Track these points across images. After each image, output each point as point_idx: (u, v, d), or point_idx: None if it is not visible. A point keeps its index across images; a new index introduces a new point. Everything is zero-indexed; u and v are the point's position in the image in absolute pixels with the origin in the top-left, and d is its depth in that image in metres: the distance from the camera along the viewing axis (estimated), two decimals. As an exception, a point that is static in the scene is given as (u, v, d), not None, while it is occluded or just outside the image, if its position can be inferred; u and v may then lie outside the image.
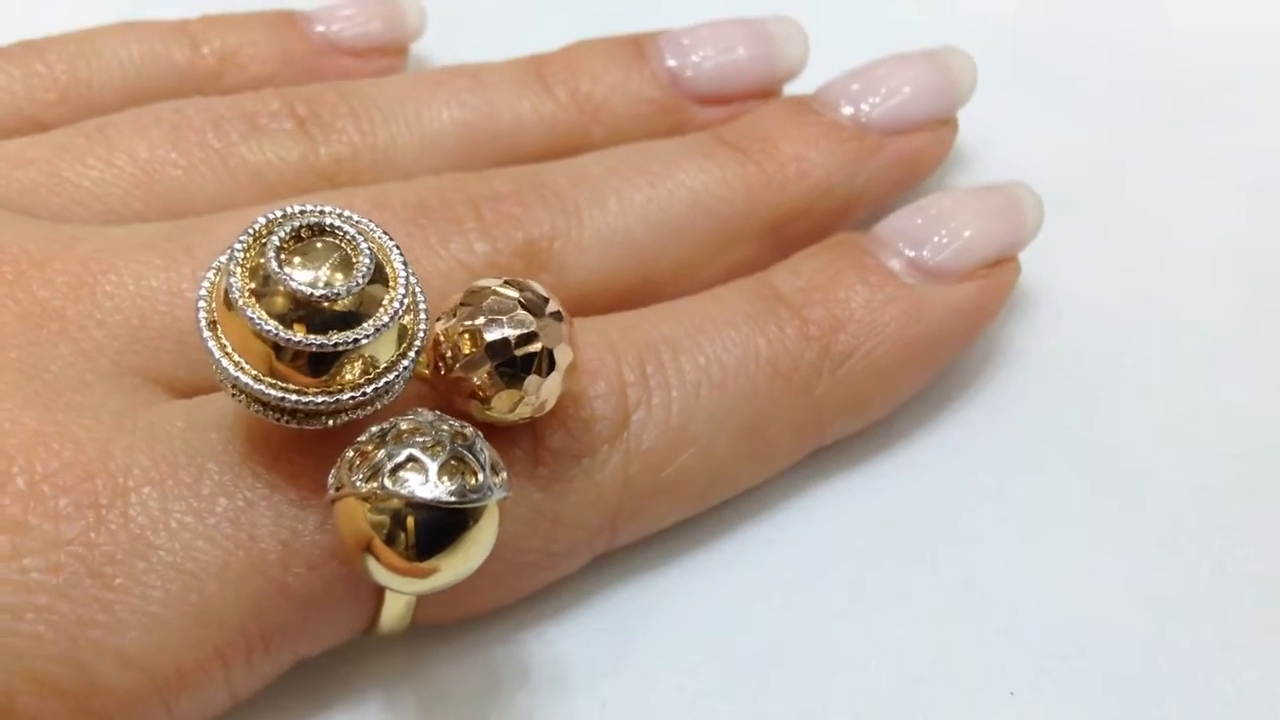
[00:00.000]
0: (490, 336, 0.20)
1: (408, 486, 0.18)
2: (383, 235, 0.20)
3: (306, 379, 0.19)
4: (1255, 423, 0.26)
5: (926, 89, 0.28)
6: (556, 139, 0.27)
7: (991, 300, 0.26)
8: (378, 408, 0.20)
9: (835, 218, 0.27)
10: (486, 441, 0.19)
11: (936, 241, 0.25)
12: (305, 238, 0.19)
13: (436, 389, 0.21)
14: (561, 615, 0.23)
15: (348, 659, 0.22)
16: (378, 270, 0.19)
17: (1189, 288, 0.29)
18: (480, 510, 0.19)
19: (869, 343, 0.24)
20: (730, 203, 0.26)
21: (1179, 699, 0.23)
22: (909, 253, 0.25)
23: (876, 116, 0.27)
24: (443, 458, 0.19)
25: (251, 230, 0.19)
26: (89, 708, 0.19)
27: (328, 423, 0.20)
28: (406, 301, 0.19)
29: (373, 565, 0.19)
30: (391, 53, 0.30)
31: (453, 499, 0.18)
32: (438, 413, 0.20)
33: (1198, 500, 0.25)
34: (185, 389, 0.22)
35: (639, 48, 0.29)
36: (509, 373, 0.20)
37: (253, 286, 0.19)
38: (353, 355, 0.19)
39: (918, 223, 0.25)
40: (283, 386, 0.19)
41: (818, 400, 0.24)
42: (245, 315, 0.19)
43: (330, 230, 0.19)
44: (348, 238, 0.19)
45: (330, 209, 0.20)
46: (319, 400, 0.19)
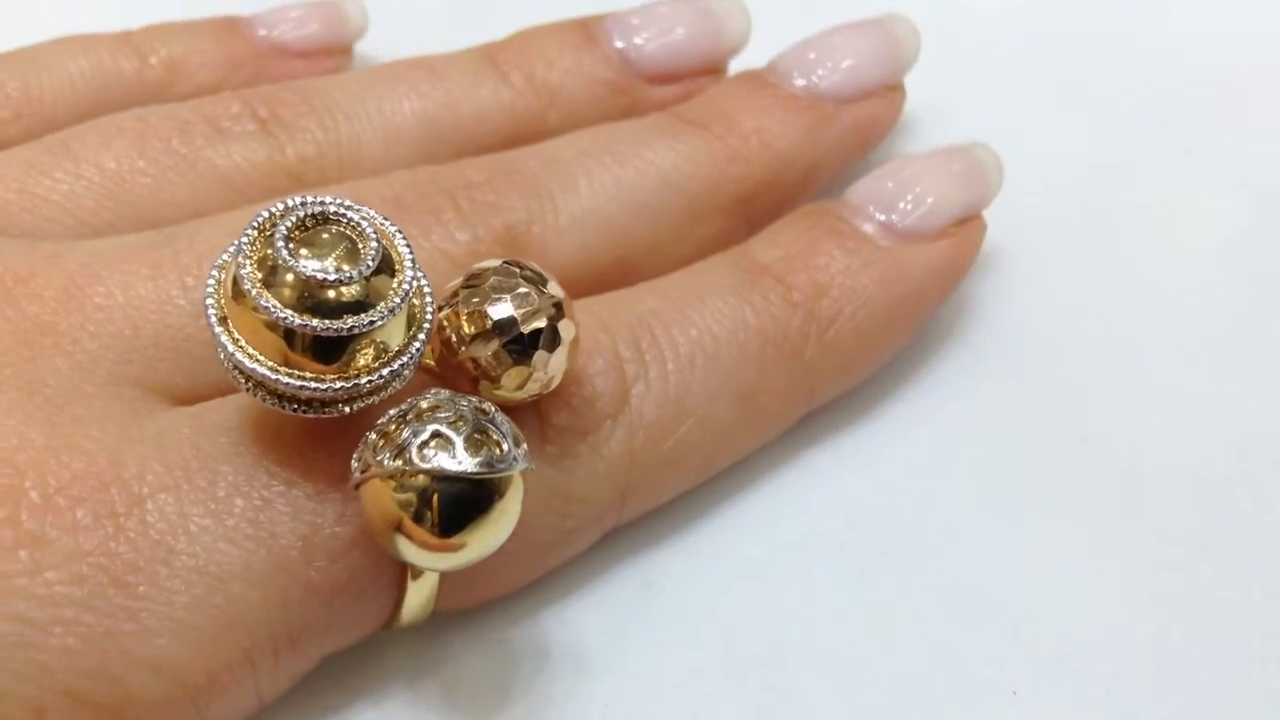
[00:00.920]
0: (497, 314, 0.20)
1: (436, 461, 0.19)
2: (384, 222, 0.20)
3: (320, 366, 0.19)
4: (1257, 419, 0.26)
5: (874, 56, 0.29)
6: (516, 125, 0.28)
7: (963, 257, 0.26)
8: (390, 393, 0.20)
9: (799, 187, 0.28)
10: (505, 415, 0.20)
11: (906, 204, 0.26)
12: (310, 228, 0.19)
13: (441, 375, 0.21)
14: (565, 601, 0.24)
15: (367, 650, 0.22)
16: (383, 259, 0.19)
17: (1193, 284, 0.29)
18: (506, 481, 0.19)
19: (852, 306, 0.25)
20: (698, 179, 0.26)
21: (1183, 697, 0.22)
22: (880, 216, 0.26)
23: (829, 86, 0.28)
24: (466, 431, 0.19)
25: (257, 222, 0.19)
26: (122, 719, 0.19)
27: (344, 409, 0.20)
28: (414, 284, 0.20)
29: (403, 544, 0.19)
30: (336, 52, 0.30)
31: (482, 470, 0.19)
32: (453, 391, 0.20)
33: (1200, 495, 0.25)
34: (183, 396, 0.22)
35: (588, 31, 0.29)
36: (517, 350, 0.20)
37: (260, 277, 0.19)
38: (365, 341, 0.19)
39: (888, 186, 0.26)
40: (299, 375, 0.19)
41: (807, 364, 0.24)
42: (259, 304, 0.19)
43: (335, 219, 0.20)
44: (353, 226, 0.19)
45: (332, 199, 0.20)
46: (337, 386, 0.19)
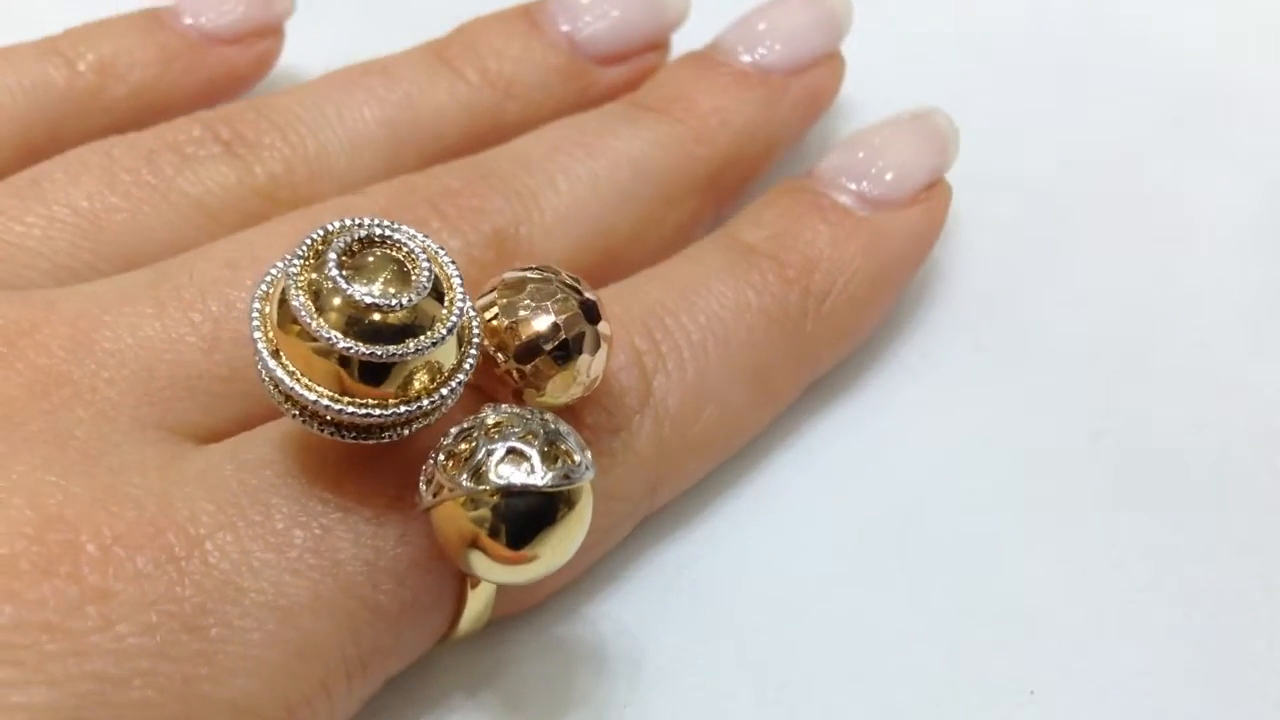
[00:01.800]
0: (541, 324, 0.20)
1: (516, 478, 0.19)
2: (428, 241, 0.20)
3: (382, 391, 0.19)
4: (1274, 404, 0.26)
5: (814, 27, 0.29)
6: (475, 120, 0.28)
7: (936, 220, 0.27)
8: (444, 412, 0.20)
9: (761, 161, 0.28)
10: (567, 424, 0.20)
11: (877, 173, 0.27)
12: (355, 252, 0.19)
13: (480, 388, 0.21)
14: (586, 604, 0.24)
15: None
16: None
17: (1205, 272, 0.29)
18: (579, 491, 0.19)
19: (843, 277, 0.25)
20: (667, 164, 0.27)
21: (1204, 689, 0.22)
22: (853, 187, 0.27)
23: (775, 59, 0.29)
24: (539, 445, 0.19)
25: (303, 250, 0.19)
26: None
27: (401, 433, 0.20)
28: (465, 304, 0.19)
29: (478, 560, 0.19)
30: (267, 34, 0.29)
31: (561, 483, 0.19)
32: (513, 405, 0.20)
33: (1217, 483, 0.25)
34: (205, 434, 0.21)
35: (532, 18, 0.29)
36: (562, 355, 0.21)
37: (314, 306, 0.19)
38: (420, 363, 0.19)
39: (859, 156, 0.27)
40: (362, 403, 0.19)
41: (808, 338, 0.25)
42: (321, 335, 0.18)
43: (380, 241, 0.19)
44: (400, 247, 0.19)
45: (375, 220, 0.19)
46: (400, 411, 0.19)
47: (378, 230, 0.19)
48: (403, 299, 0.19)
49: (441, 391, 0.19)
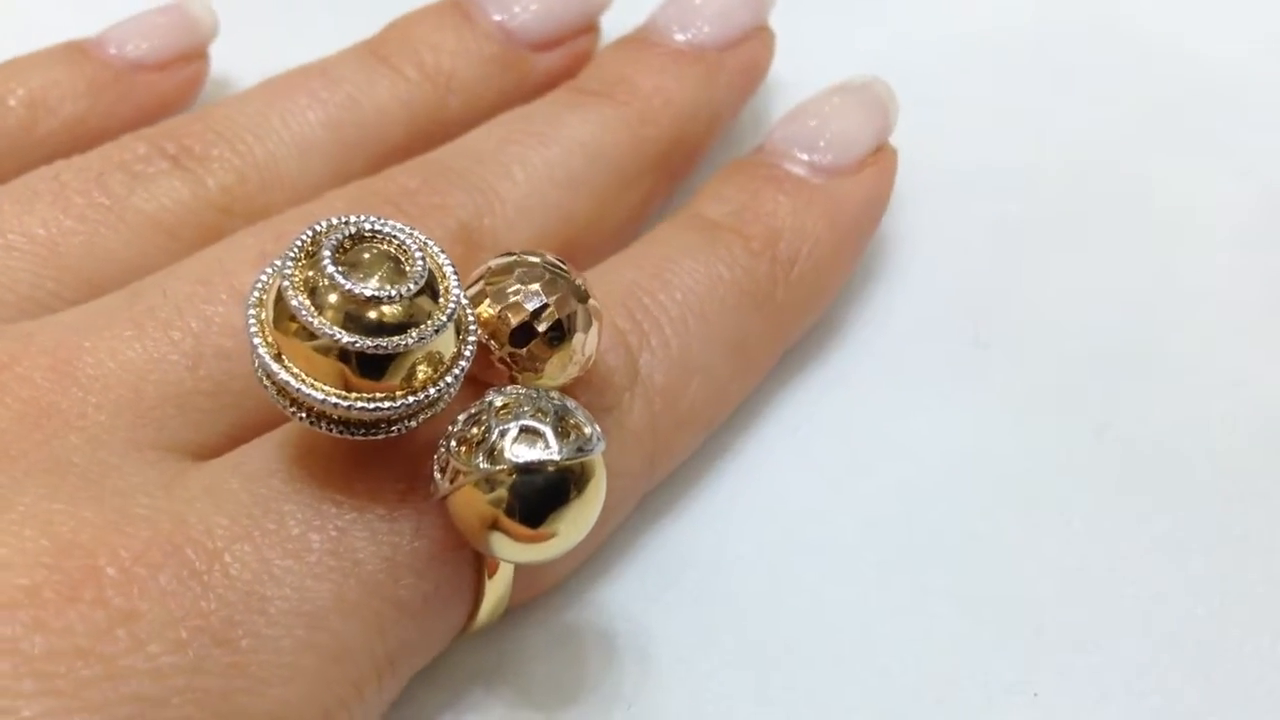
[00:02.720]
0: (533, 305, 0.21)
1: (533, 454, 0.19)
2: (416, 233, 0.20)
3: (389, 385, 0.19)
4: (1277, 399, 0.26)
5: (741, 2, 0.30)
6: (418, 117, 0.28)
7: (886, 185, 0.28)
8: (447, 402, 0.20)
9: (706, 137, 0.29)
10: (573, 399, 0.20)
11: (827, 141, 0.27)
12: (347, 249, 0.19)
13: (476, 378, 0.21)
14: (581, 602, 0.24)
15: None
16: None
17: (1205, 267, 0.29)
18: (592, 464, 0.19)
19: (807, 245, 0.26)
20: (618, 146, 0.27)
21: (1209, 686, 0.22)
22: (805, 157, 0.27)
23: (708, 36, 0.29)
24: (551, 421, 0.19)
25: (297, 247, 0.19)
26: None
27: (409, 425, 0.20)
28: (460, 292, 0.20)
29: (499, 542, 0.19)
30: (192, 58, 0.29)
31: (576, 456, 0.19)
32: (517, 386, 0.20)
33: (1220, 478, 0.25)
34: (198, 451, 0.21)
35: (462, 9, 0.29)
36: (557, 336, 0.21)
37: (313, 305, 0.19)
38: (421, 355, 0.19)
39: (811, 125, 0.27)
40: (371, 397, 0.19)
41: (780, 307, 0.26)
42: (324, 333, 0.18)
43: (373, 237, 0.19)
44: (393, 241, 0.19)
45: (364, 217, 0.19)
46: (410, 402, 0.19)
47: (367, 226, 0.19)
48: (402, 289, 0.19)
49: (446, 379, 0.20)
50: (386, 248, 0.19)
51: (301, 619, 0.19)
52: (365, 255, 0.19)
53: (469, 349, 0.20)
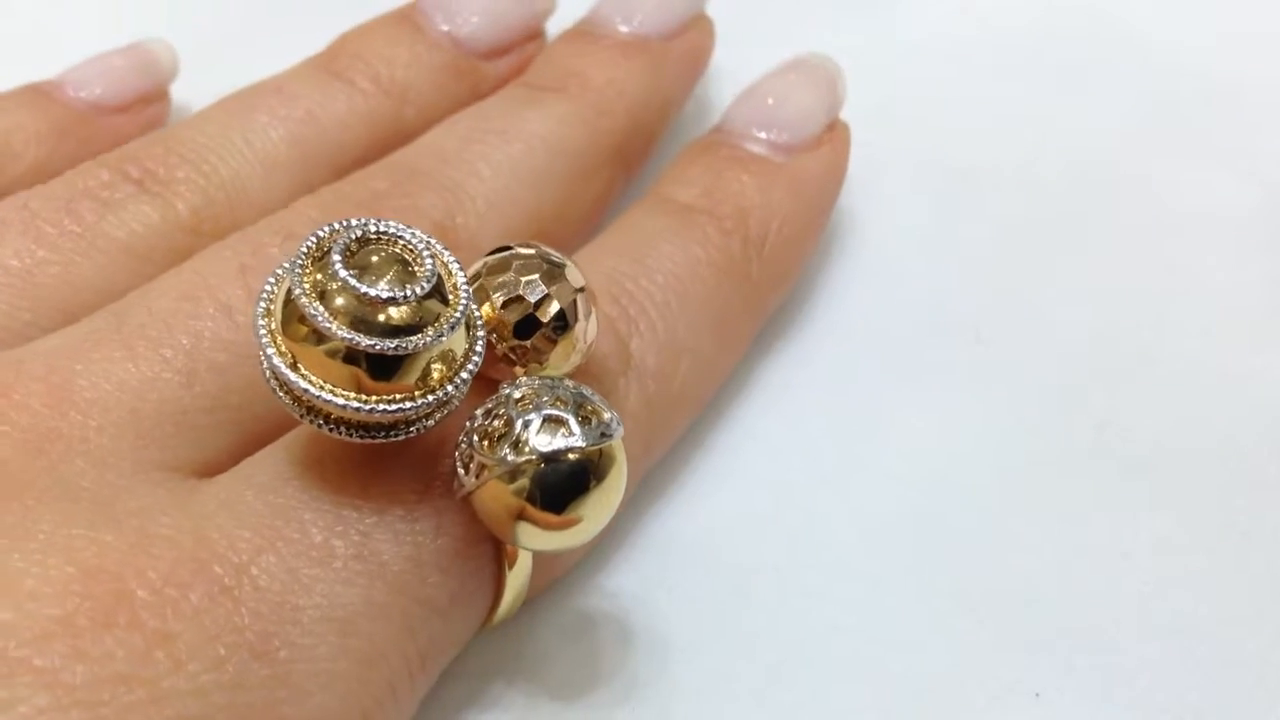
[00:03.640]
0: (534, 296, 0.21)
1: (558, 442, 0.19)
2: (418, 233, 0.20)
3: (406, 386, 0.19)
4: None
5: None
6: (378, 129, 0.28)
7: (842, 160, 0.28)
8: (460, 401, 0.20)
9: (659, 126, 0.29)
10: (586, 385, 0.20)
11: (784, 120, 0.28)
12: (355, 252, 0.19)
13: (480, 374, 0.21)
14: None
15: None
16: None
17: (1206, 262, 0.29)
18: (615, 448, 0.20)
19: (775, 221, 0.26)
20: (577, 139, 0.27)
21: (1213, 683, 0.22)
22: (763, 135, 0.28)
23: (652, 26, 0.29)
24: (571, 408, 0.19)
25: (303, 253, 0.19)
26: None
27: (425, 425, 0.20)
28: (469, 289, 0.20)
29: (526, 532, 0.19)
30: (154, 99, 0.29)
31: (600, 441, 0.19)
32: (532, 377, 0.20)
33: (1224, 472, 0.25)
34: (201, 469, 0.21)
35: (410, 21, 0.29)
36: (560, 325, 0.21)
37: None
38: (435, 354, 0.19)
39: (768, 104, 0.28)
40: (391, 399, 0.19)
41: (755, 283, 0.26)
42: (339, 337, 0.18)
43: (377, 239, 0.19)
44: (401, 243, 0.19)
45: (369, 220, 0.19)
46: (430, 400, 0.19)
47: (372, 228, 0.19)
48: (415, 289, 0.19)
49: (461, 376, 0.20)
50: (394, 249, 0.19)
51: (334, 625, 0.19)
52: (373, 258, 0.19)
53: (479, 345, 0.20)
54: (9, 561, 0.18)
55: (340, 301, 0.19)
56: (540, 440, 0.19)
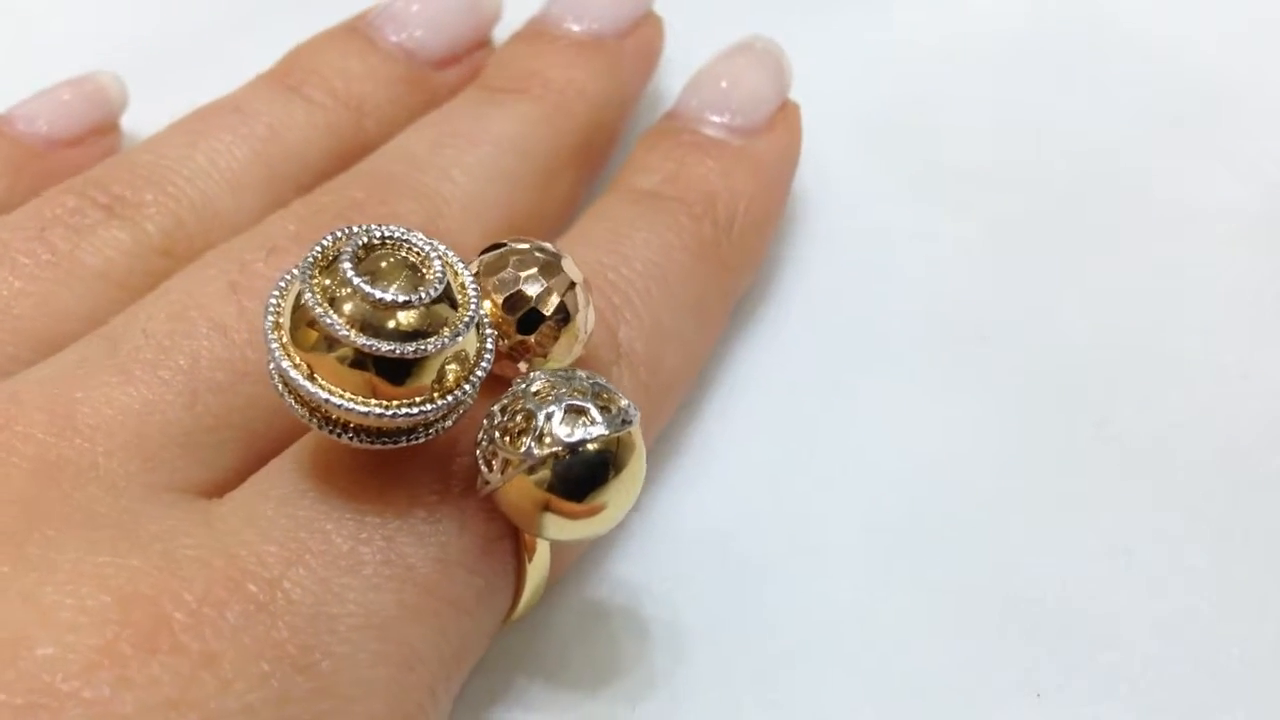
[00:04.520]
0: (534, 290, 0.21)
1: (581, 432, 0.19)
2: (426, 237, 0.20)
3: (414, 389, 0.19)
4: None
5: None
6: (339, 143, 0.27)
7: (796, 139, 0.29)
8: (473, 400, 0.20)
9: (618, 123, 0.30)
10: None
11: (738, 103, 0.28)
12: (362, 259, 0.19)
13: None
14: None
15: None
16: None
17: (1208, 260, 0.29)
18: (633, 434, 0.20)
19: (741, 203, 0.27)
20: (543, 139, 0.27)
21: (1215, 680, 0.22)
22: (718, 119, 0.28)
23: (605, 24, 0.30)
24: (590, 398, 0.20)
25: (311, 259, 0.19)
26: None
27: (444, 426, 0.20)
28: (477, 290, 0.20)
29: (551, 523, 0.20)
30: (106, 130, 0.29)
31: (623, 427, 0.19)
32: (547, 370, 0.20)
33: (1225, 468, 0.25)
34: (209, 489, 0.21)
35: (361, 33, 0.29)
36: (562, 317, 0.21)
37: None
38: (450, 355, 0.19)
39: (722, 87, 0.28)
40: (413, 403, 0.19)
41: (727, 265, 0.26)
42: (358, 344, 0.18)
43: (382, 244, 0.19)
44: (409, 247, 0.19)
45: (376, 226, 0.19)
46: (449, 400, 0.19)
47: (378, 234, 0.19)
48: (426, 292, 0.19)
49: (475, 375, 0.20)
50: (400, 254, 0.19)
51: (371, 632, 0.19)
52: (381, 264, 0.19)
53: (489, 344, 0.20)
54: (42, 594, 0.18)
55: (350, 307, 0.19)
56: (563, 431, 0.19)
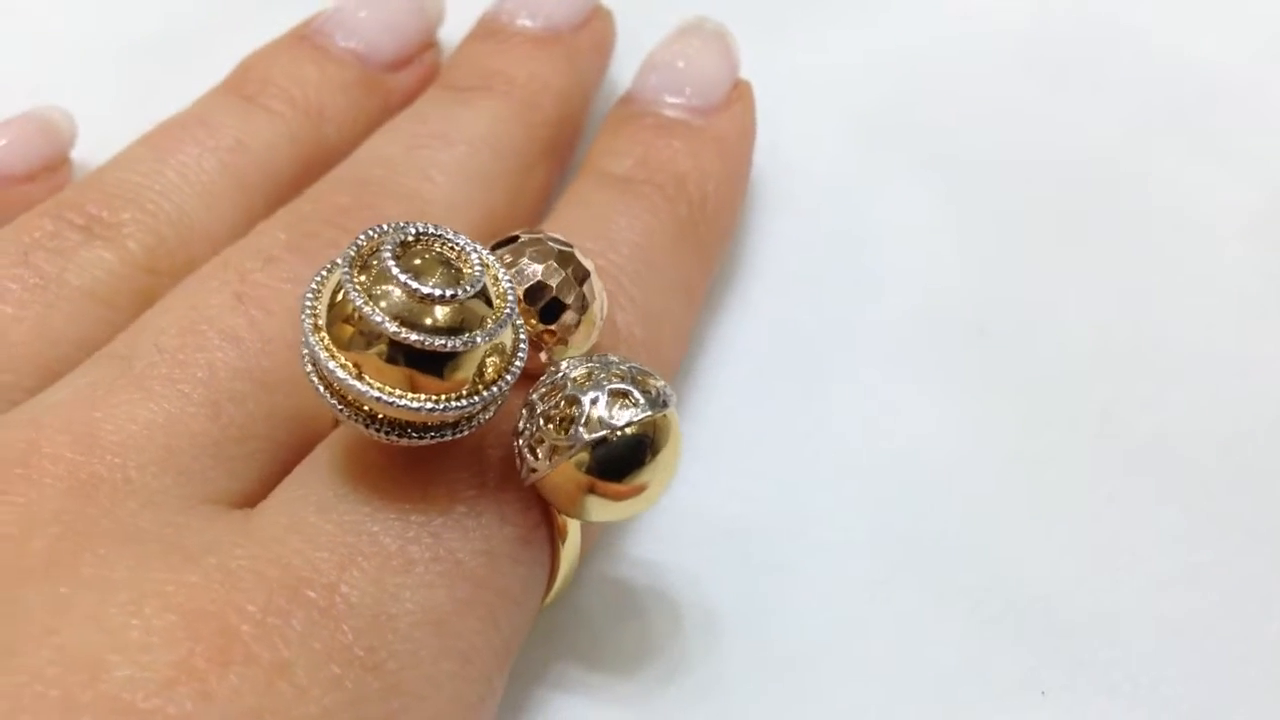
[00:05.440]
0: (554, 280, 0.21)
1: (624, 415, 0.20)
2: (458, 233, 0.20)
3: (456, 383, 0.19)
4: None
5: None
6: (303, 150, 0.27)
7: (752, 117, 0.29)
8: (509, 391, 0.20)
9: (581, 115, 0.30)
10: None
11: (695, 84, 0.29)
12: (399, 256, 0.19)
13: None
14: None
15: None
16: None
17: (1209, 256, 0.29)
18: (671, 413, 0.20)
19: (710, 182, 0.27)
20: (515, 136, 0.28)
21: (1219, 677, 0.22)
22: (676, 100, 0.28)
23: (559, 18, 0.30)
24: (630, 381, 0.20)
25: (348, 257, 0.19)
26: None
27: (483, 419, 0.20)
28: (511, 285, 0.20)
29: (594, 505, 0.20)
30: (57, 165, 0.28)
31: (662, 409, 0.20)
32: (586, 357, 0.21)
33: (1227, 464, 0.25)
34: (241, 499, 0.21)
35: (311, 40, 0.29)
36: (580, 305, 0.21)
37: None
38: (489, 348, 0.20)
39: (679, 67, 0.29)
40: (459, 395, 0.19)
41: (703, 242, 0.27)
42: (408, 340, 0.18)
43: (417, 240, 0.19)
44: (447, 243, 0.19)
45: (412, 222, 0.19)
46: (493, 391, 0.19)
47: (412, 230, 0.19)
48: (468, 286, 0.19)
49: (515, 366, 0.20)
50: (436, 249, 0.19)
51: (430, 628, 0.19)
52: (416, 260, 0.19)
53: (523, 336, 0.20)
54: (106, 615, 0.18)
55: (387, 304, 0.19)
56: (609, 414, 0.20)
